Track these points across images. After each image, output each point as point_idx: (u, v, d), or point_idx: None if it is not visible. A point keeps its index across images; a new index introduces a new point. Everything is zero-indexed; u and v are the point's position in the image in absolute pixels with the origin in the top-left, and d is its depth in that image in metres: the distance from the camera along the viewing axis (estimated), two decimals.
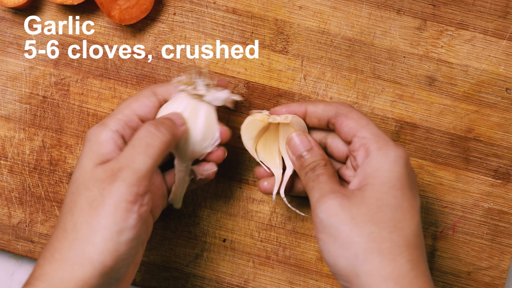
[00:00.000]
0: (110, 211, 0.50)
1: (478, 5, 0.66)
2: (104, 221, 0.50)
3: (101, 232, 0.50)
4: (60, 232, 0.51)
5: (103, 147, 0.54)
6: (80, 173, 0.53)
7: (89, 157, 0.53)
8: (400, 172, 0.53)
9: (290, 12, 0.67)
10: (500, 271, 0.66)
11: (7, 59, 0.67)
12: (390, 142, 0.54)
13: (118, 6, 0.65)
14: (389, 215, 0.52)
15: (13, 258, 0.71)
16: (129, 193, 0.51)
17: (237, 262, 0.67)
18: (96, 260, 0.49)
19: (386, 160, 0.53)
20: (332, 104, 0.58)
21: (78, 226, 0.50)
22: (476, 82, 0.66)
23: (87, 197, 0.51)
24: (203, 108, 0.59)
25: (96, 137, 0.54)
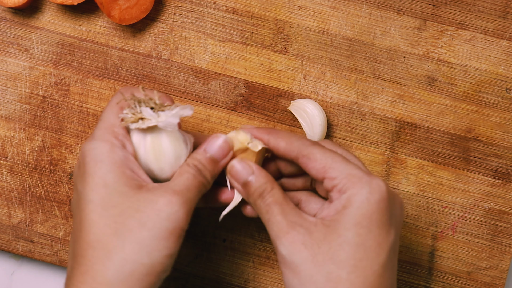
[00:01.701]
0: (166, 235, 0.50)
1: (478, 5, 0.66)
2: (158, 244, 0.50)
3: (153, 255, 0.50)
4: (101, 253, 0.50)
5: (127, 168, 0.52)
6: (116, 197, 0.51)
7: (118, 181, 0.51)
8: (370, 209, 0.50)
9: (290, 12, 0.67)
10: (500, 271, 0.66)
11: (7, 59, 0.67)
12: (363, 178, 0.51)
13: (118, 6, 0.65)
14: (350, 254, 0.50)
15: (13, 258, 0.71)
16: (185, 221, 0.51)
17: (237, 262, 0.67)
18: (144, 280, 0.50)
19: (357, 199, 0.51)
20: (293, 143, 0.54)
21: (126, 246, 0.50)
22: (476, 82, 0.66)
23: (139, 218, 0.50)
24: (164, 137, 0.54)
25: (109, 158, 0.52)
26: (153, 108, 0.53)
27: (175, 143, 0.54)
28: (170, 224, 0.50)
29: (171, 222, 0.50)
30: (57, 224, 0.67)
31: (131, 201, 0.51)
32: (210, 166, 0.55)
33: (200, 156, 0.55)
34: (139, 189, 0.51)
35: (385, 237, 0.51)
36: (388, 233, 0.51)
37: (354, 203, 0.51)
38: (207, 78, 0.67)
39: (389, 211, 0.51)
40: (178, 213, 0.51)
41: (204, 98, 0.67)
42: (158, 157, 0.54)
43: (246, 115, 0.67)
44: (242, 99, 0.67)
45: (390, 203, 0.52)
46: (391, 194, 0.52)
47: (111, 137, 0.52)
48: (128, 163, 0.52)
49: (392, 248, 0.51)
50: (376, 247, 0.50)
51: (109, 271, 0.49)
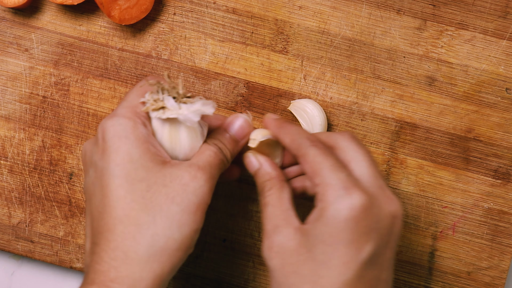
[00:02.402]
0: (192, 208, 0.51)
1: (478, 5, 0.66)
2: (187, 218, 0.51)
3: (184, 229, 0.51)
4: (132, 229, 0.50)
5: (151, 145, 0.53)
6: (143, 172, 0.51)
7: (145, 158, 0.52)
8: (337, 227, 0.49)
9: (290, 12, 0.67)
10: (500, 271, 0.66)
11: (7, 59, 0.67)
12: (338, 191, 0.50)
13: (118, 6, 0.65)
14: (312, 270, 0.50)
15: (13, 258, 0.71)
16: (210, 196, 0.52)
17: (237, 262, 0.67)
18: (176, 255, 0.50)
19: (325, 214, 0.50)
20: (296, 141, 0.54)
21: (158, 221, 0.50)
22: (476, 82, 0.66)
23: (167, 193, 0.51)
24: (182, 129, 0.54)
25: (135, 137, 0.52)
26: (176, 97, 0.53)
27: (192, 135, 0.55)
28: (196, 198, 0.51)
29: (198, 196, 0.51)
30: (57, 224, 0.67)
31: (157, 176, 0.51)
32: (230, 146, 0.56)
33: (221, 136, 0.56)
34: (163, 165, 0.52)
35: (353, 255, 0.50)
36: (359, 250, 0.50)
37: (323, 219, 0.50)
38: (207, 78, 0.67)
39: (365, 227, 0.50)
40: (203, 188, 0.52)
41: (204, 98, 0.67)
42: (174, 146, 0.54)
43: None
44: (242, 99, 0.67)
45: (367, 219, 0.50)
46: (369, 208, 0.50)
47: (133, 115, 0.53)
48: (152, 141, 0.53)
49: (365, 264, 0.50)
50: (341, 266, 0.49)
51: (141, 246, 0.50)
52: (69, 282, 0.70)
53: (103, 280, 0.49)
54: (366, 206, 0.50)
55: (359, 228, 0.50)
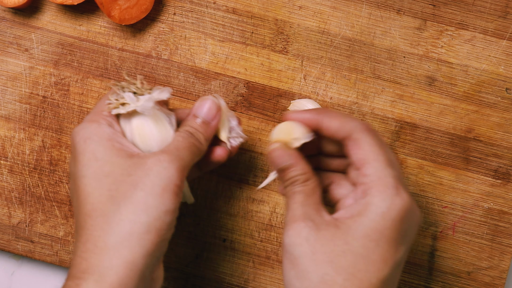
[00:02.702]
0: (159, 191, 0.51)
1: (478, 5, 0.66)
2: (153, 200, 0.50)
3: (150, 211, 0.50)
4: (100, 220, 0.51)
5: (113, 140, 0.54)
6: (108, 166, 0.52)
7: (112, 153, 0.52)
8: (384, 224, 0.50)
9: (290, 12, 0.67)
10: (500, 271, 0.66)
11: (7, 59, 0.67)
12: (390, 190, 0.50)
13: (118, 6, 0.65)
14: (351, 263, 0.49)
15: (13, 258, 0.71)
16: (178, 177, 0.52)
17: (237, 262, 0.67)
18: (145, 238, 0.50)
19: (374, 210, 0.50)
20: (348, 123, 0.53)
21: (122, 208, 0.50)
22: (476, 82, 0.66)
23: (131, 181, 0.51)
24: (147, 120, 0.55)
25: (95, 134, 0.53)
26: (136, 93, 0.54)
27: (159, 125, 0.55)
28: (161, 181, 0.51)
29: (162, 179, 0.51)
30: (57, 224, 0.67)
31: (123, 168, 0.52)
32: (202, 129, 0.56)
33: (190, 121, 0.56)
34: (130, 158, 0.52)
35: (392, 254, 0.50)
36: (396, 250, 0.50)
37: (370, 214, 0.50)
38: (207, 78, 0.67)
39: (404, 229, 0.50)
40: (168, 170, 0.51)
41: None
42: (144, 140, 0.55)
43: (246, 115, 0.67)
44: (242, 99, 0.67)
45: (407, 222, 0.51)
46: (411, 212, 0.51)
47: (98, 118, 0.54)
48: (116, 138, 0.54)
49: (397, 265, 0.50)
50: (380, 262, 0.50)
51: (108, 234, 0.50)
52: None
53: (76, 273, 0.50)
54: (410, 208, 0.51)
55: (401, 229, 0.50)
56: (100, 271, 0.49)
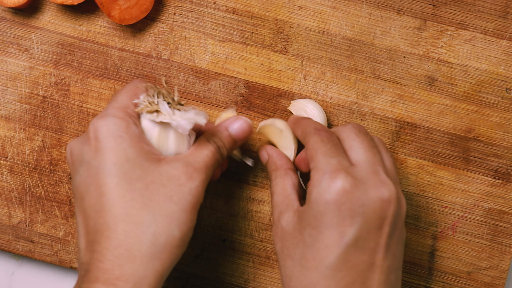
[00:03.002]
0: (189, 207, 0.52)
1: (478, 5, 0.66)
2: (185, 217, 0.52)
3: (182, 227, 0.52)
4: (133, 227, 0.51)
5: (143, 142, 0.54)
6: (139, 171, 0.52)
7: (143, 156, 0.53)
8: (319, 210, 0.51)
9: (290, 12, 0.67)
10: (500, 271, 0.66)
11: (7, 59, 0.67)
12: (324, 176, 0.52)
13: (118, 6, 0.65)
14: (301, 253, 0.52)
15: (13, 258, 0.71)
16: (203, 196, 0.54)
17: (237, 262, 0.67)
18: (175, 252, 0.51)
19: (311, 197, 0.52)
20: (304, 131, 0.58)
21: (158, 220, 0.51)
22: (476, 82, 0.66)
23: (165, 193, 0.52)
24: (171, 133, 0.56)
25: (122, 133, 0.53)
26: (170, 103, 0.55)
27: (180, 142, 0.56)
28: (192, 198, 0.53)
29: (193, 196, 0.53)
30: (57, 224, 0.67)
31: (154, 175, 0.52)
32: (229, 145, 0.58)
33: (221, 134, 0.57)
34: (158, 163, 0.53)
35: (336, 239, 0.50)
36: (341, 234, 0.50)
37: (309, 201, 0.52)
38: (207, 78, 0.67)
39: (346, 211, 0.51)
40: (198, 188, 0.53)
41: (204, 98, 0.67)
42: (160, 146, 0.55)
43: (246, 115, 0.67)
44: (242, 99, 0.67)
45: (349, 203, 0.51)
46: (352, 193, 0.51)
47: (125, 115, 0.54)
48: (144, 139, 0.54)
49: (349, 248, 0.50)
50: (324, 249, 0.51)
51: (144, 244, 0.50)
52: (69, 282, 0.70)
53: (108, 278, 0.50)
54: (347, 189, 0.51)
55: (342, 211, 0.51)
56: (135, 281, 0.50)
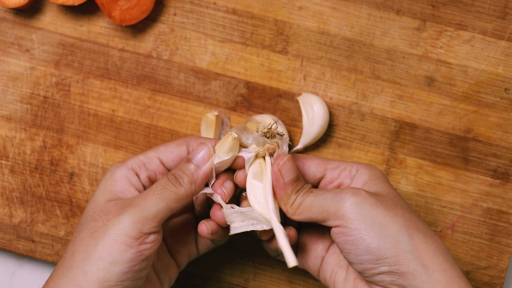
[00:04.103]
0: (108, 242, 0.52)
1: (477, 6, 0.67)
2: (100, 250, 0.52)
3: (95, 261, 0.51)
4: (60, 261, 0.54)
5: (117, 184, 0.56)
6: (91, 206, 0.55)
7: (102, 192, 0.56)
8: (386, 177, 0.57)
9: (290, 13, 0.67)
10: (499, 270, 0.66)
11: (8, 59, 0.68)
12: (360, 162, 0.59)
13: (119, 6, 0.65)
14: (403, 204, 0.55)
15: (14, 258, 0.71)
16: (132, 229, 0.52)
17: (237, 262, 0.67)
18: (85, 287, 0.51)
19: (375, 169, 0.57)
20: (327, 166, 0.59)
21: (75, 254, 0.52)
22: (475, 82, 0.67)
23: (91, 227, 0.53)
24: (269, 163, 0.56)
25: (112, 174, 0.56)
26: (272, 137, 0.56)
27: None
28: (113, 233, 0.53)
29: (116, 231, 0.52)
30: (58, 223, 0.67)
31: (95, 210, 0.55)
32: (189, 172, 0.55)
33: (181, 165, 0.56)
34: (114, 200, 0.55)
35: None
36: None
37: (376, 173, 0.57)
38: (207, 78, 0.67)
39: None
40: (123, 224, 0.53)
41: (205, 98, 0.67)
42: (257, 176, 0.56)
43: (246, 115, 0.67)
44: (242, 99, 0.67)
45: None
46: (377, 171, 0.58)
47: (131, 161, 0.57)
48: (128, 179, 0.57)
49: None
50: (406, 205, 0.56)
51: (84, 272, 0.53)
52: None
53: None
54: None
55: None
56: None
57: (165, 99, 0.67)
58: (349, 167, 0.57)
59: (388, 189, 0.55)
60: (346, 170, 0.57)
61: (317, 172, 0.57)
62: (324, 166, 0.57)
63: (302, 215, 0.54)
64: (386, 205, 0.53)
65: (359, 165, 0.57)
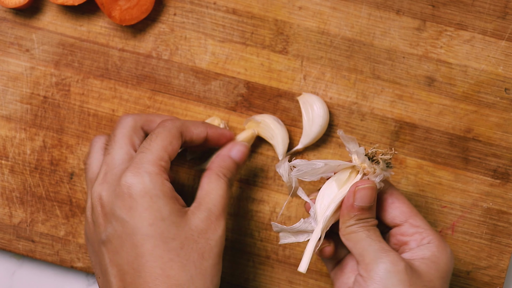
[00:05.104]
0: (217, 259, 0.55)
1: (477, 6, 0.67)
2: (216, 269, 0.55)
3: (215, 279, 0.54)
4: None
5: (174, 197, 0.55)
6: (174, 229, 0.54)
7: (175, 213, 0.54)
8: (450, 268, 0.56)
9: (290, 13, 0.67)
10: (499, 270, 0.66)
11: (8, 59, 0.68)
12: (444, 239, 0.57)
13: (119, 6, 0.65)
14: None
15: (14, 258, 0.71)
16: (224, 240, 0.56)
17: (237, 262, 0.67)
18: None
19: (445, 254, 0.55)
20: None
21: (195, 279, 0.53)
22: (475, 82, 0.67)
23: (198, 249, 0.54)
24: None
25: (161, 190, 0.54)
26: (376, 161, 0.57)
27: None
28: (218, 249, 0.55)
29: (219, 246, 0.55)
30: (58, 223, 0.67)
31: (186, 231, 0.54)
32: (235, 171, 0.60)
33: (226, 163, 0.59)
34: (186, 216, 0.55)
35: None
36: None
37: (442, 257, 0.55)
38: (207, 78, 0.67)
39: None
40: (222, 237, 0.55)
41: (204, 98, 0.67)
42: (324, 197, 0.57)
43: (246, 115, 0.67)
44: (242, 99, 0.67)
45: None
46: None
47: (159, 170, 0.55)
48: (174, 193, 0.55)
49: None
50: None
51: None
52: (70, 282, 0.71)
53: None
54: None
55: None
56: None
57: (165, 99, 0.67)
58: (425, 235, 0.56)
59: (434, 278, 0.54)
60: (420, 235, 0.56)
61: (397, 219, 0.57)
62: (407, 218, 0.57)
63: (348, 242, 0.55)
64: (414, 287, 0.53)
65: (435, 239, 0.56)
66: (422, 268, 0.54)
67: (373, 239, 0.54)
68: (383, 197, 0.58)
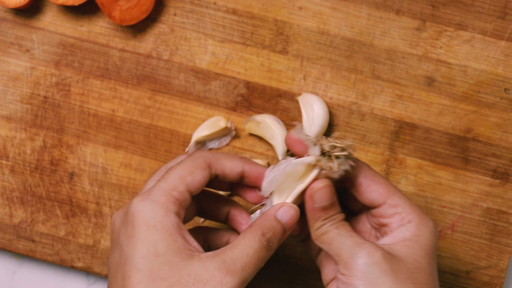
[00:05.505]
0: None
1: (477, 6, 0.67)
2: None
3: None
4: None
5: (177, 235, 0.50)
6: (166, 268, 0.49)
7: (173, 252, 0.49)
8: (434, 243, 0.53)
9: (290, 13, 0.67)
10: (498, 270, 0.66)
11: (8, 59, 0.68)
12: (424, 213, 0.54)
13: (119, 7, 0.65)
14: (425, 279, 0.52)
15: (14, 258, 0.71)
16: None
17: None
18: None
19: (426, 230, 0.52)
20: None
21: None
22: (475, 82, 0.67)
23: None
24: None
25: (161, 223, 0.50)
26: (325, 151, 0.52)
27: None
28: None
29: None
30: (58, 223, 0.67)
31: (181, 275, 0.48)
32: (280, 236, 0.53)
33: (270, 223, 0.53)
34: (190, 259, 0.49)
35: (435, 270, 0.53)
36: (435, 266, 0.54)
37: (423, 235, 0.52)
38: (208, 78, 0.67)
39: None
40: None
41: (205, 98, 0.67)
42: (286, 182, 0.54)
43: (246, 115, 0.67)
44: (242, 99, 0.67)
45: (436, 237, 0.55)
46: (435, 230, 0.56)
47: (167, 200, 0.51)
48: (181, 231, 0.50)
49: None
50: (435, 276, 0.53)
51: None
52: (70, 282, 0.71)
53: None
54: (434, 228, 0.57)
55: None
56: None
57: (165, 99, 0.67)
58: (405, 214, 0.53)
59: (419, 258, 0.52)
60: (399, 215, 0.54)
61: (375, 202, 0.54)
62: (385, 199, 0.54)
63: (322, 244, 0.53)
64: (397, 275, 0.51)
65: (415, 217, 0.53)
66: (403, 251, 0.52)
67: (344, 236, 0.52)
68: (357, 182, 0.54)
